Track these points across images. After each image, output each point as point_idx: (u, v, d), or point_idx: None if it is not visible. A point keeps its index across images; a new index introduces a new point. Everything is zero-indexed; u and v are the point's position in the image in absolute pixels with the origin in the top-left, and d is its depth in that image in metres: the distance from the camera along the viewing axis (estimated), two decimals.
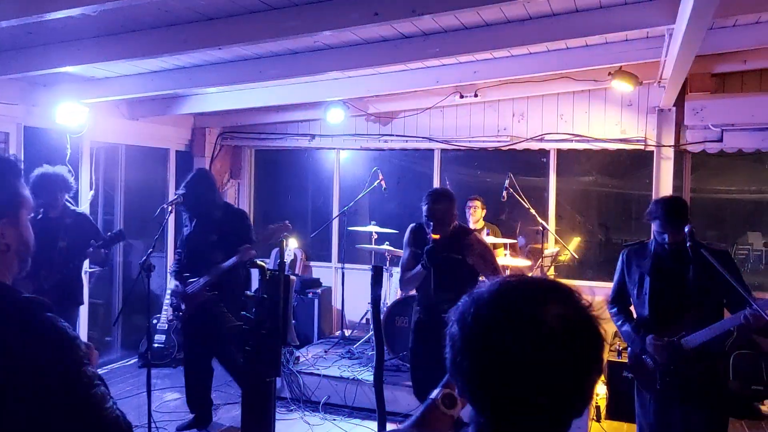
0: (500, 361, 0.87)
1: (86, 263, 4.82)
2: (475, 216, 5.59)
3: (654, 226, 2.99)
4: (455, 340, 0.92)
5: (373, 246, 5.80)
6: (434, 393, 1.19)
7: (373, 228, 5.82)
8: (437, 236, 3.29)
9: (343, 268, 6.20)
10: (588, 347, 0.89)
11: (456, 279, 3.34)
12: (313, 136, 6.67)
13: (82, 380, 1.27)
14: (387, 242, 5.77)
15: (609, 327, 0.97)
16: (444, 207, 3.34)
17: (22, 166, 1.42)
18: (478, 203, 5.60)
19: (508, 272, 4.73)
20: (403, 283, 3.72)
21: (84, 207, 5.40)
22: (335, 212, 6.65)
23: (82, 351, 1.30)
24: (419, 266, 3.41)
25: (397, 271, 5.66)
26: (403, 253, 3.71)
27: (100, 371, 1.36)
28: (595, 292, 5.60)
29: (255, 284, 3.61)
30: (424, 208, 3.36)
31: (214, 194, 4.31)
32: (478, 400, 0.92)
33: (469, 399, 0.93)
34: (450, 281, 3.38)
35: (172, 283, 4.36)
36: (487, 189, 6.00)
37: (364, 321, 6.04)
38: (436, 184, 6.39)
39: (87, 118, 5.19)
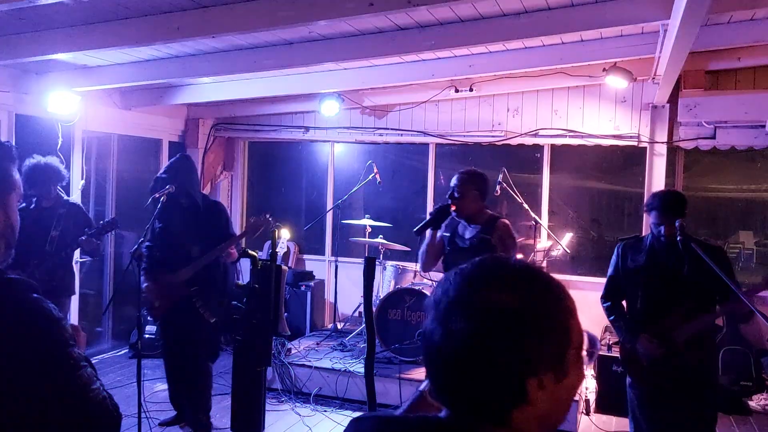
0: (450, 341, 0.84)
1: (77, 253, 4.80)
2: None
3: (650, 218, 3.03)
4: (427, 313, 0.91)
5: (367, 239, 5.80)
6: (423, 385, 1.19)
7: (368, 221, 5.82)
8: (452, 205, 3.51)
9: (336, 261, 6.20)
10: (521, 341, 0.83)
11: None
12: (307, 129, 6.65)
13: (68, 361, 1.26)
14: (381, 236, 5.77)
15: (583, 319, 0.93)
16: (461, 180, 3.54)
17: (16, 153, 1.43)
18: None
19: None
20: (421, 258, 3.73)
21: (75, 197, 5.36)
22: (329, 205, 6.64)
23: (67, 332, 1.30)
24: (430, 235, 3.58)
25: (390, 265, 5.68)
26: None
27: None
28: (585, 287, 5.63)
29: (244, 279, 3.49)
30: None
31: (197, 183, 4.06)
32: (429, 375, 0.90)
33: (427, 373, 0.91)
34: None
35: (144, 281, 3.99)
36: None
37: (356, 314, 6.04)
38: (431, 178, 6.40)
39: (79, 106, 5.15)
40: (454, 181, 3.56)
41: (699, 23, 3.12)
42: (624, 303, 3.24)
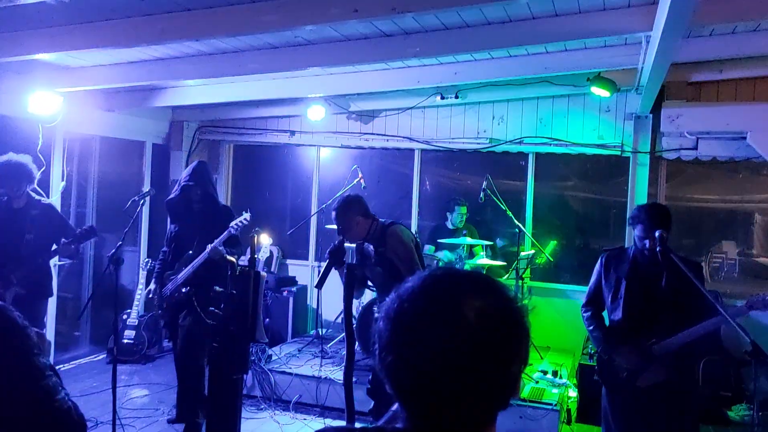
0: (421, 355, 0.86)
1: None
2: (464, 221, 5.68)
3: (636, 231, 3.02)
4: (381, 335, 0.91)
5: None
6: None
7: None
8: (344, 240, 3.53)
9: (319, 266, 6.16)
10: (507, 339, 0.89)
11: (397, 278, 3.34)
12: (293, 133, 6.63)
13: (33, 370, 1.24)
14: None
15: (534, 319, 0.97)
16: (338, 217, 3.59)
17: None
18: (464, 209, 5.67)
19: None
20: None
21: (55, 199, 5.28)
22: (314, 210, 6.61)
23: (32, 340, 1.27)
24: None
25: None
26: None
27: (67, 366, 1.33)
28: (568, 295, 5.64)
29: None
30: None
31: (215, 190, 4.18)
32: (400, 395, 0.90)
33: (394, 394, 0.91)
34: (394, 281, 3.38)
35: (152, 285, 4.15)
36: (467, 191, 6.02)
37: (339, 320, 6.00)
38: (416, 184, 6.40)
39: (61, 107, 5.07)
40: (334, 219, 3.60)
41: (680, 35, 3.15)
42: (605, 314, 3.24)
